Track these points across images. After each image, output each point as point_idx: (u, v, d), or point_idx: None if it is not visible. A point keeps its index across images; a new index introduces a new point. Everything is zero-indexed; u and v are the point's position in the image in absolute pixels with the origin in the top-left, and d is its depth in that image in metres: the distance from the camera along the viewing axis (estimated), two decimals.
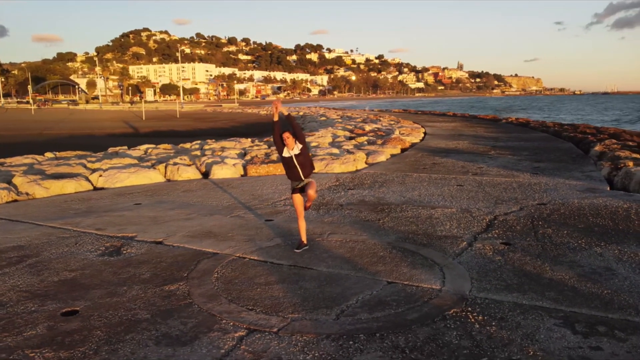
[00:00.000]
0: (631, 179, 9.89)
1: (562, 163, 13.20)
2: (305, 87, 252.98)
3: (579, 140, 18.78)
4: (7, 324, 4.06)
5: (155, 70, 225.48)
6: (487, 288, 4.73)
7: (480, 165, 12.79)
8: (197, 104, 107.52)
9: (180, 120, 46.12)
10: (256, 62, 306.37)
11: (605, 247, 5.95)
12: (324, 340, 3.74)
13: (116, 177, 10.46)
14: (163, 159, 13.25)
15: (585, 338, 3.74)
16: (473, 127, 27.67)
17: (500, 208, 8.01)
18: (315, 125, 33.87)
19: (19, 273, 5.25)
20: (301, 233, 5.97)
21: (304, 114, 50.23)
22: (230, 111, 67.98)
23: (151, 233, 6.75)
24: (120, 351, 3.61)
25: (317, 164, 12.23)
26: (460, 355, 3.51)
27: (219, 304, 4.43)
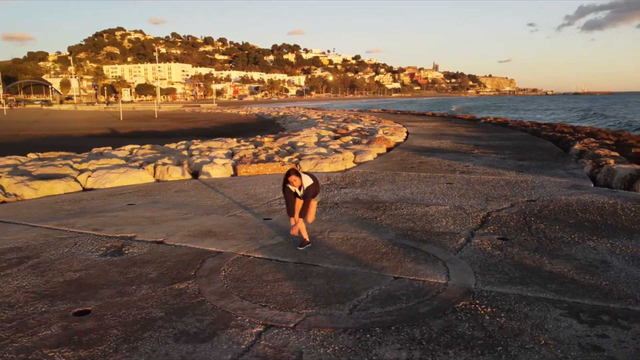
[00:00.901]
0: (613, 176, 10.22)
1: (545, 161, 13.54)
2: (282, 88, 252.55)
3: (557, 139, 19.25)
4: (19, 324, 4.03)
5: (130, 70, 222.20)
6: (492, 281, 4.87)
7: (466, 164, 13.03)
8: (175, 104, 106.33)
9: (159, 121, 45.60)
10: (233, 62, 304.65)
11: (597, 241, 6.17)
12: (341, 334, 3.82)
13: (106, 178, 10.34)
14: (150, 159, 13.14)
15: (591, 327, 3.90)
16: (453, 127, 28.09)
17: (492, 205, 8.21)
18: (296, 125, 33.92)
19: (22, 274, 5.19)
20: (302, 232, 6.04)
21: (284, 114, 50.24)
22: (209, 111, 67.47)
23: (150, 233, 6.73)
24: (141, 349, 3.62)
25: (307, 164, 12.29)
26: (475, 346, 3.62)
27: (231, 301, 4.46)
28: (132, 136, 29.37)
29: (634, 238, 6.28)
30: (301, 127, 28.81)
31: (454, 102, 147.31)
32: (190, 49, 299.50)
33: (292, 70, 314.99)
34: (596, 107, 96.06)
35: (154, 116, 53.22)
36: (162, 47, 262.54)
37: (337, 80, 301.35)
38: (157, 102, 65.94)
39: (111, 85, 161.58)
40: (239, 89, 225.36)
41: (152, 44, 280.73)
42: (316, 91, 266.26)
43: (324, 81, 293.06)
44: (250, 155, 13.35)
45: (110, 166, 11.51)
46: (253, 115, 54.68)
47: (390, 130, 22.21)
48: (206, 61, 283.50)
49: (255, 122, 44.31)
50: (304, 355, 3.52)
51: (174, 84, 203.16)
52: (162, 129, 34.71)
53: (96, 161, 12.08)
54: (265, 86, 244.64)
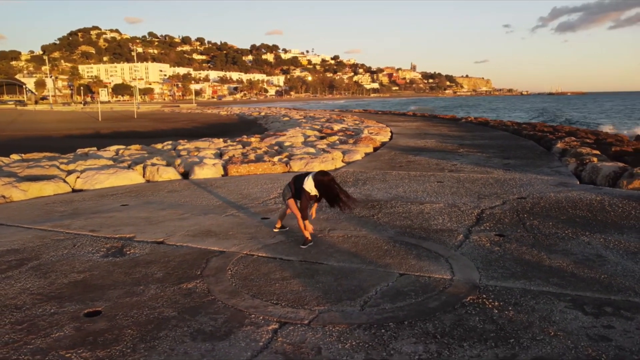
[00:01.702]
0: (598, 174, 10.50)
1: (530, 160, 13.83)
2: (262, 88, 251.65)
3: (539, 138, 19.67)
4: (30, 326, 3.98)
5: (106, 69, 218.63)
6: (495, 276, 4.99)
7: (454, 163, 13.23)
8: (153, 105, 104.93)
9: (138, 121, 45.02)
10: (211, 62, 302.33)
11: (590, 236, 6.35)
12: (356, 330, 3.88)
13: (95, 179, 10.21)
14: (138, 159, 13.00)
15: (596, 318, 4.04)
16: (436, 127, 28.42)
17: (484, 202, 8.37)
18: (279, 126, 33.87)
19: (24, 276, 5.11)
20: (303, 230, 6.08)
21: (265, 114, 50.12)
22: (189, 111, 66.85)
23: (149, 233, 6.68)
24: (159, 347, 3.62)
25: (297, 163, 12.32)
26: (488, 338, 3.72)
27: (242, 299, 4.48)
28: (112, 137, 28.96)
29: (625, 233, 6.49)
30: (285, 127, 28.79)
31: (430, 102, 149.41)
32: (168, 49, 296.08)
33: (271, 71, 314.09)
34: (552, 107, 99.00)
35: (133, 116, 52.51)
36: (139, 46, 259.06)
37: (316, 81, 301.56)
38: (136, 102, 64.94)
39: (87, 85, 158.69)
40: (218, 89, 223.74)
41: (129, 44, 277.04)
42: (295, 91, 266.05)
43: (303, 81, 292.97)
44: (239, 156, 13.31)
45: (99, 167, 11.36)
46: (234, 115, 54.39)
47: (375, 130, 22.37)
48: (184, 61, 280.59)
49: (237, 123, 44.10)
50: (322, 350, 3.57)
51: (151, 84, 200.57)
52: (143, 129, 34.29)
53: (83, 162, 11.90)
54: (245, 86, 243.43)
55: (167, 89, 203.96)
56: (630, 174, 9.72)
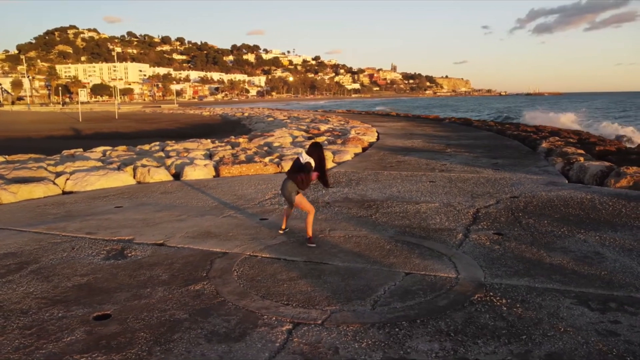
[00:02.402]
0: (585, 173, 10.73)
1: (517, 159, 14.04)
2: (243, 88, 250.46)
3: (523, 137, 19.99)
4: (39, 331, 3.92)
5: (84, 69, 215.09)
6: (499, 274, 5.07)
7: (443, 163, 13.36)
8: (133, 105, 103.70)
9: (120, 122, 44.43)
10: (192, 62, 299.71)
11: (586, 234, 6.49)
12: (370, 329, 3.91)
13: (86, 181, 10.06)
14: (127, 161, 12.85)
15: (602, 314, 4.14)
16: (420, 127, 28.65)
17: (478, 202, 8.48)
18: (263, 126, 33.79)
19: (26, 280, 5.03)
20: (308, 228, 6.13)
21: (248, 115, 49.92)
22: (171, 112, 66.20)
23: (148, 235, 6.62)
24: (175, 350, 3.60)
25: (288, 164, 12.26)
26: (501, 335, 3.79)
27: (252, 300, 4.48)
28: (95, 137, 28.56)
29: (619, 231, 6.64)
30: (270, 128, 28.72)
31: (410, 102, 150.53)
32: (147, 49, 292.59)
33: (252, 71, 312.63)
34: (516, 107, 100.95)
35: (114, 117, 51.81)
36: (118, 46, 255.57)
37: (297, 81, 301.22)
38: (117, 102, 64.04)
39: (65, 85, 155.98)
40: (199, 90, 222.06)
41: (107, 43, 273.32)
42: (277, 92, 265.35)
43: (285, 82, 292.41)
44: (229, 156, 13.25)
45: (88, 168, 11.20)
46: (217, 116, 54.05)
47: (361, 130, 22.47)
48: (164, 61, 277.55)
49: (221, 123, 43.84)
50: (340, 350, 3.59)
51: (131, 84, 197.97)
52: (126, 130, 33.87)
53: (72, 164, 11.72)
54: (226, 87, 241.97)
55: (147, 89, 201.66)
56: (617, 172, 9.94)
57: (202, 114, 58.95)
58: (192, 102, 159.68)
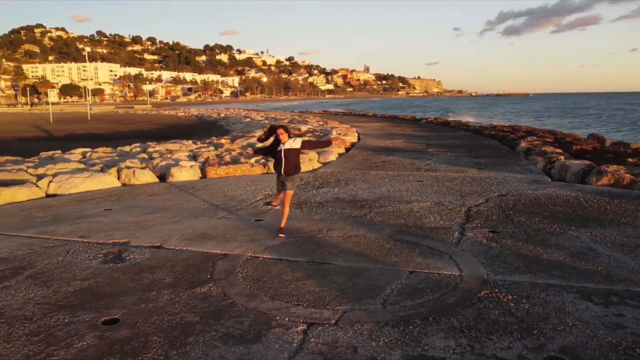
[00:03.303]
0: (567, 171, 11.01)
1: (498, 158, 14.31)
2: (216, 89, 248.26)
3: (501, 137, 20.37)
4: (47, 337, 3.82)
5: (52, 69, 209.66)
6: (501, 271, 5.17)
7: (427, 162, 13.52)
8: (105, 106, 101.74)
9: (93, 123, 43.51)
10: (163, 62, 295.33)
11: (577, 231, 6.67)
12: (385, 328, 3.94)
13: (70, 183, 9.83)
14: (109, 162, 12.61)
15: (605, 307, 4.26)
16: (399, 127, 28.92)
17: (468, 200, 8.62)
18: (241, 127, 33.61)
19: (24, 286, 4.89)
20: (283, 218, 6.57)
21: (225, 115, 49.53)
22: (145, 113, 65.17)
23: (144, 238, 6.51)
24: (192, 353, 3.56)
25: None
26: (513, 331, 3.86)
27: (262, 301, 4.46)
28: (69, 139, 27.91)
29: (607, 227, 6.84)
30: (249, 129, 28.57)
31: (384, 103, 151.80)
32: (118, 48, 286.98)
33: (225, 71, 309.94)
34: (463, 107, 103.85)
35: (86, 118, 50.70)
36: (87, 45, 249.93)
37: (271, 82, 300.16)
38: (89, 103, 62.66)
39: (33, 85, 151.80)
40: (172, 90, 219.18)
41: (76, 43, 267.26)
42: (251, 92, 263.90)
43: (259, 82, 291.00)
44: (214, 158, 13.13)
45: (71, 170, 10.95)
46: (192, 116, 53.46)
47: (342, 131, 22.55)
48: (135, 61, 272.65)
49: (197, 124, 43.38)
50: (359, 349, 3.61)
51: (101, 85, 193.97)
52: (100, 132, 33.18)
53: (53, 166, 11.43)
54: (199, 87, 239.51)
55: (118, 90, 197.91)
56: (598, 171, 10.24)
57: (177, 114, 58.20)
58: (164, 102, 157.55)
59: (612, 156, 14.01)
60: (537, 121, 58.99)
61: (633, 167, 10.82)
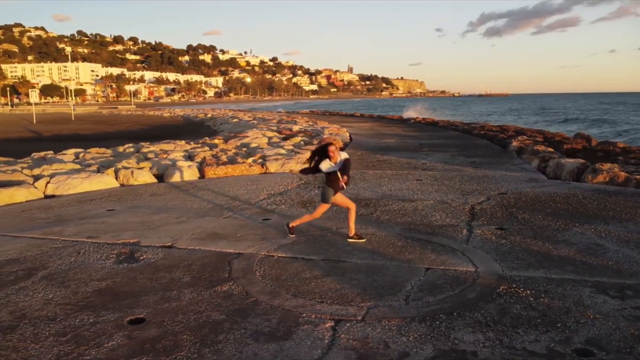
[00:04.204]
0: (562, 170, 11.21)
1: (492, 157, 14.50)
2: (200, 89, 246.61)
3: (491, 137, 20.62)
4: (75, 337, 3.80)
5: (32, 69, 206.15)
6: (515, 267, 5.26)
7: (423, 161, 13.64)
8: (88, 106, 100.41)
9: (78, 123, 42.89)
10: (146, 62, 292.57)
11: (581, 227, 6.81)
12: (412, 323, 3.99)
13: (68, 184, 9.71)
14: (104, 163, 12.48)
15: (622, 301, 4.37)
16: (388, 127, 29.09)
17: (470, 198, 8.73)
18: (229, 127, 33.40)
19: (40, 286, 4.83)
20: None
21: (212, 116, 49.22)
22: (129, 113, 64.44)
23: (153, 238, 6.48)
24: (225, 351, 3.57)
25: (273, 164, 12.29)
26: (537, 324, 3.94)
27: (285, 299, 4.47)
28: (55, 140, 27.45)
29: (610, 223, 7.00)
30: (238, 129, 28.44)
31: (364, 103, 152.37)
32: (99, 48, 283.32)
33: (208, 72, 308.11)
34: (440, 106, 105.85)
35: (70, 118, 49.94)
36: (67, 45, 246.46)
37: (255, 82, 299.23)
38: (72, 104, 61.74)
39: (13, 85, 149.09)
40: (155, 90, 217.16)
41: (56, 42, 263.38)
42: (235, 93, 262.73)
43: (242, 83, 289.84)
44: (211, 158, 13.08)
45: (67, 171, 10.81)
46: (179, 117, 53.00)
47: (334, 131, 22.62)
48: (117, 61, 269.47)
49: (184, 125, 42.99)
50: (390, 344, 3.65)
51: (83, 85, 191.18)
52: (86, 132, 32.72)
53: (49, 166, 11.27)
54: (182, 87, 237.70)
55: (101, 90, 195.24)
56: (593, 169, 10.45)
57: (163, 115, 57.68)
58: (147, 103, 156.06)
59: (603, 155, 14.32)
60: (495, 118, 59.83)
61: (626, 165, 11.07)
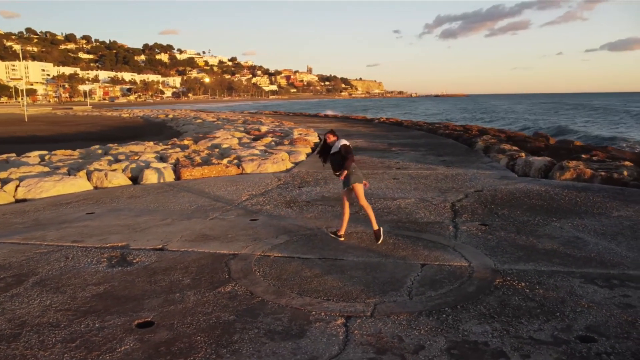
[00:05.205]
0: (531, 167, 11.65)
1: (461, 156, 14.91)
2: (157, 89, 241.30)
3: (456, 136, 21.18)
4: (84, 342, 3.71)
5: None
6: (505, 261, 5.47)
7: (396, 161, 13.88)
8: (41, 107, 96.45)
9: (33, 125, 41.19)
10: (100, 61, 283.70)
11: (559, 221, 7.13)
12: (420, 317, 4.10)
13: (40, 187, 9.38)
14: (74, 165, 12.10)
15: (611, 290, 4.63)
16: (355, 127, 29.38)
17: (449, 196, 8.97)
18: (193, 128, 32.91)
19: (34, 293, 4.68)
20: (371, 219, 6.26)
21: (173, 116, 48.32)
22: (86, 114, 62.43)
23: (142, 241, 6.36)
24: (243, 351, 3.58)
25: (250, 165, 12.23)
26: (538, 314, 4.13)
27: (291, 298, 4.51)
28: (10, 142, 26.30)
29: (584, 218, 7.36)
30: (204, 130, 28.06)
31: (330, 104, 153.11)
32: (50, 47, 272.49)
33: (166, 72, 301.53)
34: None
35: (23, 120, 47.86)
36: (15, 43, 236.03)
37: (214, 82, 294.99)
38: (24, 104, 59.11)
39: None
40: (110, 91, 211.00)
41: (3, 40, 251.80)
42: (193, 93, 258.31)
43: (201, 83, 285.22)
44: (184, 159, 12.90)
45: (37, 174, 10.44)
46: (138, 118, 51.76)
47: (303, 131, 22.66)
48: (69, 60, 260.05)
49: (144, 126, 42.05)
50: (404, 338, 3.75)
51: (33, 85, 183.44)
52: (43, 134, 31.50)
53: (17, 169, 10.81)
54: (139, 87, 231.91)
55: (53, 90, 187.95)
56: (560, 166, 10.92)
57: (122, 115, 56.20)
58: (103, 103, 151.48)
59: (565, 152, 14.95)
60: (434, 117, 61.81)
61: (590, 163, 11.62)
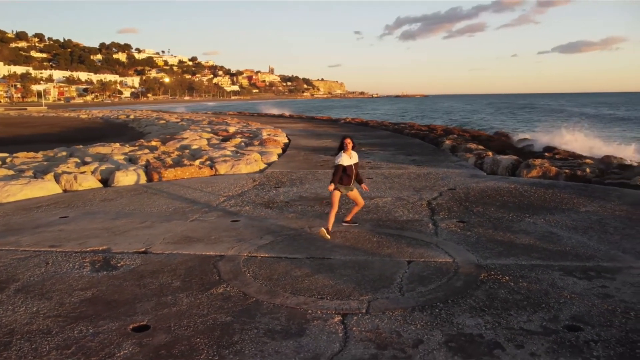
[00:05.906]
0: (498, 165, 12.04)
1: (430, 156, 15.22)
2: (115, 89, 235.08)
3: (422, 136, 21.60)
4: (80, 349, 3.64)
5: None
6: (487, 256, 5.66)
7: (367, 160, 14.04)
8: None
9: None
10: (54, 60, 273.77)
11: (532, 217, 7.41)
12: (414, 312, 4.21)
13: (6, 191, 9.04)
14: (40, 168, 11.70)
15: (589, 281, 4.87)
16: (321, 127, 29.51)
17: (424, 194, 9.17)
18: (157, 129, 32.32)
19: (19, 300, 4.54)
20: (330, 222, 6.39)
21: (134, 117, 47.23)
22: (42, 115, 60.20)
23: (123, 244, 6.25)
24: (246, 351, 3.59)
25: (223, 166, 12.14)
26: (525, 306, 4.31)
27: (286, 298, 4.54)
28: None
29: (554, 213, 7.67)
30: (168, 131, 27.59)
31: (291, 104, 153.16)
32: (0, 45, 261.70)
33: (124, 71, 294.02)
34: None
35: None
36: None
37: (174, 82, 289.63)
38: None
39: None
40: (65, 91, 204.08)
41: None
42: (153, 93, 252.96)
43: (161, 83, 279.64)
44: (155, 160, 12.67)
45: (0, 177, 10.05)
46: (98, 119, 50.29)
47: (272, 132, 22.61)
48: (20, 59, 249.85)
49: (105, 127, 40.93)
50: (402, 333, 3.85)
51: None
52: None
53: None
54: (96, 87, 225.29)
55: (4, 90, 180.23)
56: (527, 165, 11.33)
57: (80, 116, 54.48)
58: (59, 104, 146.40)
59: (528, 151, 15.49)
60: None
61: (554, 161, 12.10)
